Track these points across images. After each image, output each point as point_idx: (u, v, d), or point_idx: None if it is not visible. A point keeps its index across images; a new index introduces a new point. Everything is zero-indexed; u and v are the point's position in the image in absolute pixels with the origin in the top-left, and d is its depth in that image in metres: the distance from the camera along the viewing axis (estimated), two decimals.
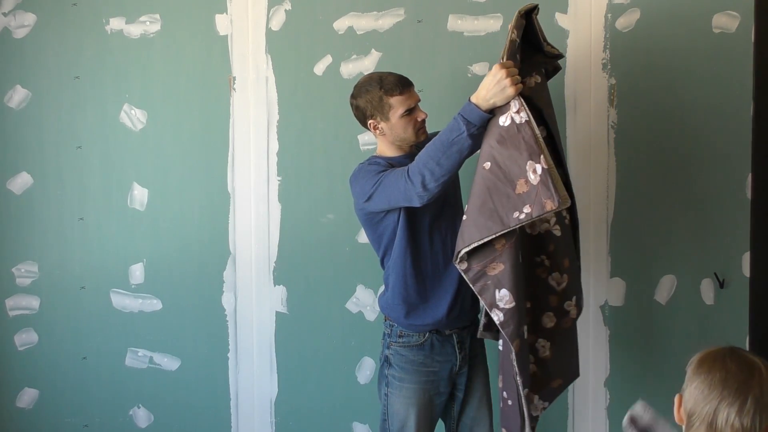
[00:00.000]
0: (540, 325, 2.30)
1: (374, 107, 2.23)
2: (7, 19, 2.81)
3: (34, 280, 2.87)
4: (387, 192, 2.15)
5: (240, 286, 2.82)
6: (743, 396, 1.43)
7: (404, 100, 2.22)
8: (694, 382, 1.48)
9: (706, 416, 1.44)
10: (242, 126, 2.78)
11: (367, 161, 2.29)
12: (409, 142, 2.27)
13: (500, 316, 2.06)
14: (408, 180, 2.07)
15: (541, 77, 2.26)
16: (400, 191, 2.11)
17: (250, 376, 2.85)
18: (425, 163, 2.05)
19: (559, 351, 2.31)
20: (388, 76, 2.24)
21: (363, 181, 2.22)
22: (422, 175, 2.04)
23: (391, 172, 2.16)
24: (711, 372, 1.47)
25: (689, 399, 1.48)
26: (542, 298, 2.30)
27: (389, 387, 2.33)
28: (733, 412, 1.42)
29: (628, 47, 2.65)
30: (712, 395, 1.44)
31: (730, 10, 2.62)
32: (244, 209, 2.81)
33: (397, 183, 2.11)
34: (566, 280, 2.29)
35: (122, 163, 2.82)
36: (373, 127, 2.26)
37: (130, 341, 2.87)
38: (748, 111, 2.64)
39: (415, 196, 2.08)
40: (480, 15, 2.69)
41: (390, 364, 2.33)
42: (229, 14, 2.76)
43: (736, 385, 1.44)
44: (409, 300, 2.28)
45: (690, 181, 2.68)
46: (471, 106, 2.02)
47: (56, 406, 2.90)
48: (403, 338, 2.30)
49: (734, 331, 2.70)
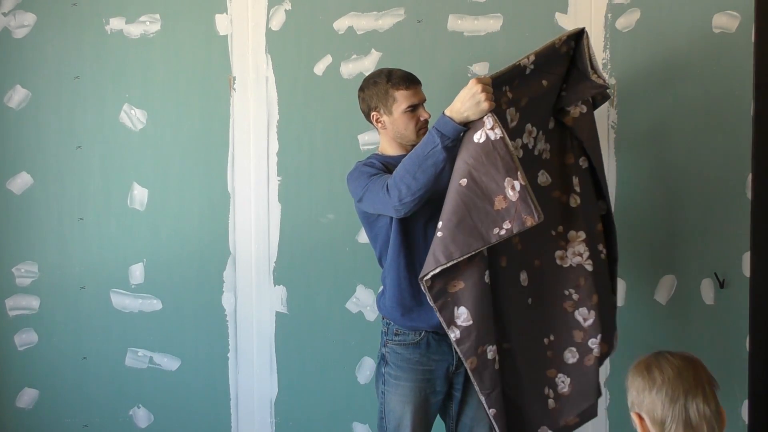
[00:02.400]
0: (562, 360, 2.28)
1: (379, 99, 2.24)
2: (7, 19, 2.81)
3: (34, 280, 2.87)
4: (372, 199, 2.17)
5: (240, 286, 2.82)
6: (700, 384, 1.48)
7: (409, 96, 2.23)
8: (652, 389, 1.50)
9: (679, 415, 1.46)
10: (242, 126, 2.78)
11: (365, 160, 2.30)
12: (409, 140, 2.28)
13: (456, 333, 2.07)
14: (386, 193, 2.09)
15: (588, 107, 2.27)
16: (381, 202, 2.12)
17: (250, 376, 2.85)
18: (402, 177, 2.06)
19: (579, 388, 2.27)
20: (397, 71, 2.26)
21: (356, 181, 2.23)
22: (399, 189, 2.05)
23: (379, 178, 2.16)
24: (664, 373, 1.50)
25: (655, 407, 1.49)
26: (567, 332, 2.27)
27: (386, 385, 2.33)
28: (700, 402, 1.47)
29: (628, 47, 2.66)
30: (677, 392, 1.47)
31: (730, 10, 2.62)
32: (244, 209, 2.81)
33: (378, 193, 2.13)
34: (593, 317, 2.25)
35: (122, 163, 2.82)
36: (376, 120, 2.28)
37: (130, 341, 2.87)
38: (748, 111, 2.64)
39: (392, 209, 2.10)
40: (480, 15, 2.69)
41: (386, 362, 2.33)
42: (229, 14, 2.76)
43: (691, 376, 1.48)
44: (404, 303, 2.28)
45: (690, 181, 2.68)
46: (445, 118, 2.02)
47: (56, 406, 2.90)
48: (399, 336, 2.31)
49: (734, 331, 2.70)
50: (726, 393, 2.69)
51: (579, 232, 2.26)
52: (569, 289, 2.27)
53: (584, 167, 2.28)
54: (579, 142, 2.27)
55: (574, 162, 2.27)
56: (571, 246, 2.26)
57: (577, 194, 2.26)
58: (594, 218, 2.31)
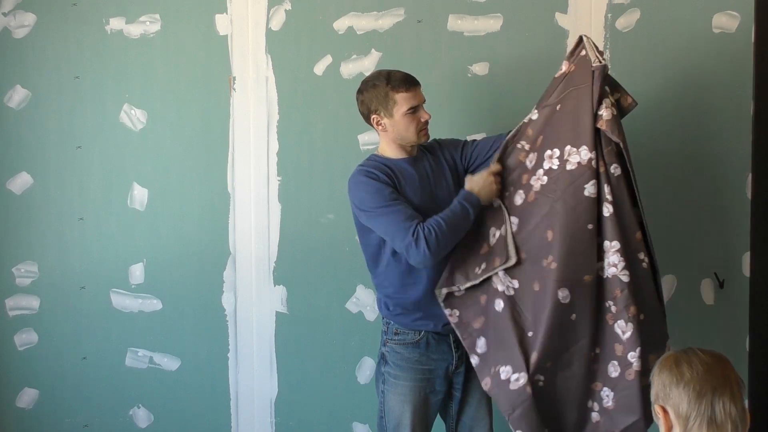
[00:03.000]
0: (606, 374, 2.24)
1: (379, 102, 2.24)
2: (7, 19, 2.81)
3: (34, 280, 2.87)
4: (386, 228, 2.19)
5: (240, 286, 2.82)
6: (729, 383, 1.48)
7: (409, 98, 2.23)
8: (680, 384, 1.49)
9: (705, 412, 1.46)
10: (242, 126, 2.78)
11: (366, 166, 2.27)
12: (410, 141, 2.28)
13: (476, 360, 2.28)
14: (414, 242, 2.13)
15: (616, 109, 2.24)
16: (399, 239, 2.16)
17: (250, 376, 2.85)
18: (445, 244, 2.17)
19: (623, 403, 2.23)
20: (396, 73, 2.26)
21: (365, 194, 2.22)
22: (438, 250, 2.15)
23: (400, 209, 2.17)
24: (693, 368, 1.49)
25: (680, 403, 1.49)
26: (609, 345, 2.23)
27: (385, 384, 2.34)
28: (726, 400, 1.46)
29: (628, 47, 2.66)
30: (704, 389, 1.47)
31: (730, 10, 2.62)
32: (244, 209, 2.81)
33: (399, 230, 2.15)
34: (631, 329, 2.19)
35: (122, 163, 2.82)
36: (376, 123, 2.27)
37: (130, 341, 2.87)
38: (748, 111, 2.64)
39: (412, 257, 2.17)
40: (480, 15, 2.69)
41: (386, 361, 2.33)
42: (229, 14, 2.76)
43: (720, 374, 1.48)
44: (404, 304, 2.30)
45: (690, 181, 2.68)
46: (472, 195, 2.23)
47: (56, 406, 2.90)
48: (399, 336, 2.31)
49: (734, 331, 2.70)
50: None
51: (613, 242, 2.19)
52: (608, 300, 2.23)
53: (616, 174, 2.22)
54: (611, 147, 2.22)
55: (605, 170, 2.22)
56: (606, 257, 2.21)
57: (610, 203, 2.20)
58: (631, 227, 2.23)
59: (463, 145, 2.43)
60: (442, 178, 2.33)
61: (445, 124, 2.65)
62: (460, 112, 2.71)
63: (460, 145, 2.43)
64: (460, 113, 2.71)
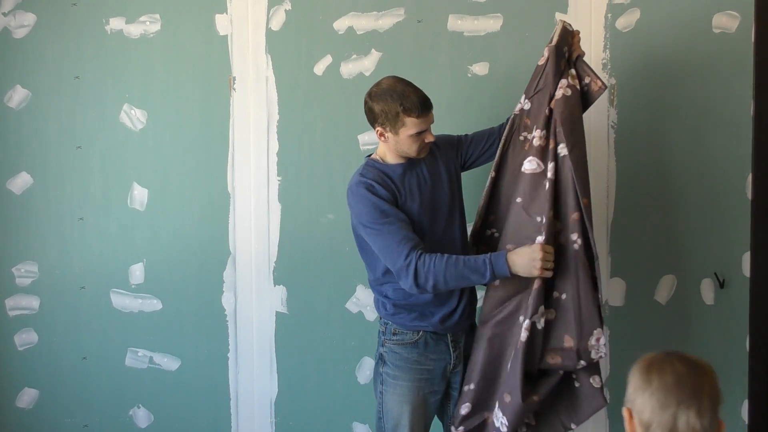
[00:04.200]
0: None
1: (387, 118, 2.19)
2: (7, 19, 2.81)
3: (34, 280, 2.87)
4: (381, 248, 2.19)
5: (240, 286, 2.82)
6: (698, 397, 1.41)
7: (419, 123, 2.19)
8: (646, 391, 1.45)
9: (666, 423, 1.41)
10: (242, 126, 2.78)
11: (366, 177, 2.23)
12: (409, 156, 2.27)
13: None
14: (406, 269, 2.13)
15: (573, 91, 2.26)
16: (392, 261, 2.16)
17: (250, 376, 2.85)
18: (437, 278, 2.13)
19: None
20: (412, 94, 2.18)
21: (363, 207, 2.21)
22: (428, 283, 2.14)
23: (397, 230, 2.16)
24: (662, 377, 1.44)
25: (644, 409, 1.44)
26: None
27: (384, 385, 2.33)
28: (692, 414, 1.40)
29: (628, 47, 2.66)
30: (669, 401, 1.42)
31: (730, 10, 2.62)
32: (244, 209, 2.81)
33: (392, 253, 2.15)
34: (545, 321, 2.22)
35: (122, 163, 2.82)
36: (379, 134, 2.24)
37: (130, 341, 2.87)
38: (748, 111, 2.64)
39: (402, 280, 2.16)
40: (480, 15, 2.69)
41: (384, 361, 2.33)
42: (229, 14, 2.76)
43: (690, 387, 1.42)
44: (409, 306, 2.29)
45: (690, 181, 2.68)
46: (505, 267, 2.14)
47: (56, 406, 2.90)
48: (397, 336, 2.31)
49: (734, 331, 2.70)
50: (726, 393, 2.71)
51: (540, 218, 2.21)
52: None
53: (562, 155, 2.22)
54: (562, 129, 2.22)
55: (554, 147, 2.23)
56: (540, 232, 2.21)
57: (549, 180, 2.21)
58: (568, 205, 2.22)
59: (457, 142, 2.43)
60: (440, 179, 2.32)
61: (445, 124, 2.64)
62: (460, 112, 2.71)
63: (455, 143, 2.42)
64: (460, 113, 2.71)
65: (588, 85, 2.31)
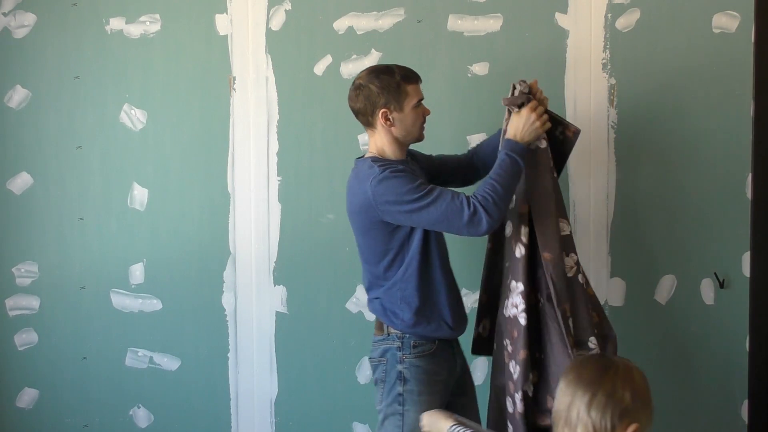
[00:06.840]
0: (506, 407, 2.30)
1: (390, 94, 2.16)
2: (7, 19, 2.81)
3: (34, 280, 2.87)
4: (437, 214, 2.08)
5: (240, 286, 2.82)
6: (593, 390, 1.43)
7: (418, 90, 2.22)
8: (559, 385, 1.50)
9: (563, 413, 1.45)
10: (242, 126, 2.78)
11: (384, 166, 2.15)
12: (413, 137, 2.25)
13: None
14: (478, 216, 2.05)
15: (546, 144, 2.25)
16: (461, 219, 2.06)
17: (250, 376, 2.85)
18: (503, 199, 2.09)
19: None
20: (400, 66, 2.22)
21: (402, 187, 2.10)
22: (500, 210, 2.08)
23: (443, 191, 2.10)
24: (569, 372, 1.49)
25: (554, 400, 1.50)
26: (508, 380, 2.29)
27: (405, 405, 2.17)
28: (583, 405, 1.43)
29: (628, 47, 2.66)
30: (568, 392, 1.46)
31: (730, 10, 2.62)
32: (244, 209, 2.81)
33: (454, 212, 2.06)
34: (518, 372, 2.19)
35: (122, 163, 2.82)
36: (384, 118, 2.18)
37: (130, 341, 2.87)
38: (748, 111, 2.64)
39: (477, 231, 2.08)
40: (480, 15, 2.69)
41: (405, 380, 2.18)
42: (229, 14, 2.76)
43: (587, 380, 1.45)
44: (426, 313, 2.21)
45: (690, 181, 2.68)
46: (518, 145, 2.15)
47: (56, 406, 2.90)
48: (418, 348, 2.20)
49: (734, 331, 2.70)
50: (726, 393, 2.71)
51: (518, 284, 2.19)
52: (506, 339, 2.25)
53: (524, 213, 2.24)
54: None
55: (526, 210, 2.22)
56: (510, 297, 2.22)
57: (524, 245, 2.19)
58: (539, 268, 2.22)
59: (428, 158, 2.45)
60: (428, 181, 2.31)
61: (445, 124, 2.65)
62: (460, 112, 2.71)
63: (427, 157, 2.45)
64: (460, 113, 2.71)
65: (563, 133, 2.33)
